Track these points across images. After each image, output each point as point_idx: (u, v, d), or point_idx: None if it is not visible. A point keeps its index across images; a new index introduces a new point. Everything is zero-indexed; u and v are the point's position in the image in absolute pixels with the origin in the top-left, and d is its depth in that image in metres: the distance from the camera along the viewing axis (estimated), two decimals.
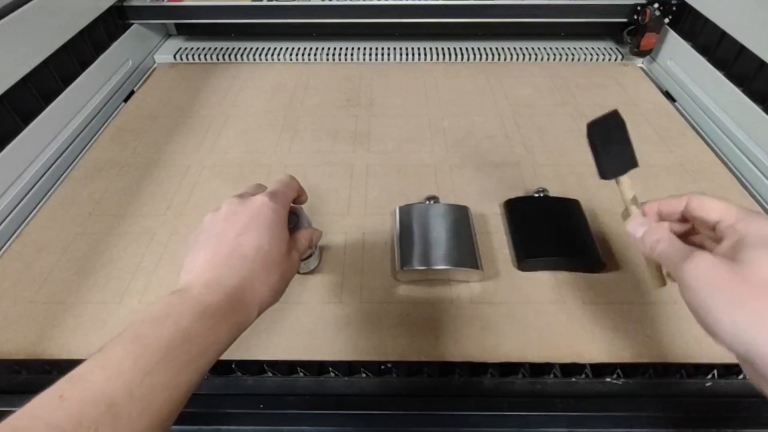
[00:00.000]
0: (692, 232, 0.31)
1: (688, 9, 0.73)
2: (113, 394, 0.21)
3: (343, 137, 0.65)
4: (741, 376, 0.39)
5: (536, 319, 0.42)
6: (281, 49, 0.84)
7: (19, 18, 0.54)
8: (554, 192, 0.52)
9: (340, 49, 0.84)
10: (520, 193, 0.54)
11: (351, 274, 0.46)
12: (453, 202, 0.51)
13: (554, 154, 0.61)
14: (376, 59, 0.83)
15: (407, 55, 0.84)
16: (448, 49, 0.84)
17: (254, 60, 0.83)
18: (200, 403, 0.37)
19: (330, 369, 0.40)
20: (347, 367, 0.40)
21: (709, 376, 0.39)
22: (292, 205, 0.36)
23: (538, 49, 0.83)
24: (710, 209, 0.28)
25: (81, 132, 0.65)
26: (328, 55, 0.83)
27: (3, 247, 0.50)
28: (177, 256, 0.48)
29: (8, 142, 0.54)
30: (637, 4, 0.76)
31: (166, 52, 0.85)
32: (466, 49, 0.84)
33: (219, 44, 0.85)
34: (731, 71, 0.64)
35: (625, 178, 0.33)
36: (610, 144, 0.32)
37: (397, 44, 0.86)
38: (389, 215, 0.52)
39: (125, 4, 0.76)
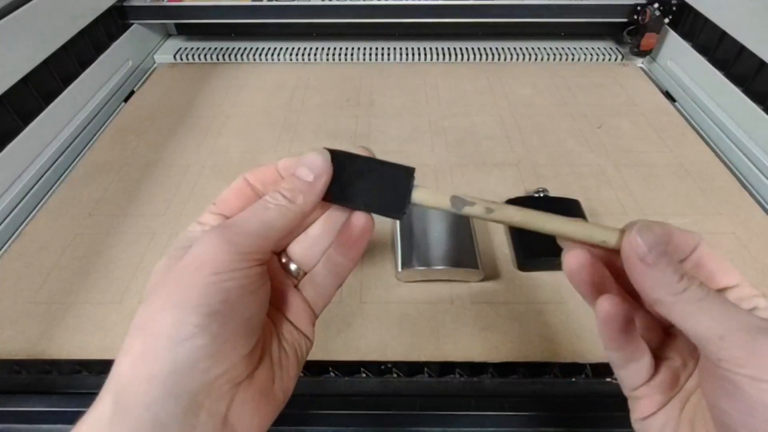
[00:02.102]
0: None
1: (688, 9, 0.73)
2: None
3: (343, 137, 0.65)
4: None
5: (536, 319, 0.42)
6: (281, 49, 0.84)
7: (19, 18, 0.54)
8: (554, 192, 0.52)
9: (340, 49, 0.84)
10: (520, 193, 0.54)
11: (351, 274, 0.46)
12: None
13: (554, 154, 0.61)
14: (376, 59, 0.83)
15: (407, 55, 0.84)
16: (448, 49, 0.84)
17: (254, 60, 0.83)
18: None
19: (330, 369, 0.40)
20: (347, 367, 0.40)
21: None
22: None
23: (538, 49, 0.83)
24: (725, 266, 0.20)
25: (81, 132, 0.65)
26: (328, 55, 0.83)
27: (3, 247, 0.50)
28: None
29: (8, 142, 0.54)
30: (637, 4, 0.76)
31: (166, 52, 0.85)
32: (466, 49, 0.84)
33: (219, 44, 0.85)
34: (731, 71, 0.64)
35: (425, 193, 0.22)
36: (366, 177, 0.22)
37: (397, 44, 0.86)
38: None
39: (125, 4, 0.76)
